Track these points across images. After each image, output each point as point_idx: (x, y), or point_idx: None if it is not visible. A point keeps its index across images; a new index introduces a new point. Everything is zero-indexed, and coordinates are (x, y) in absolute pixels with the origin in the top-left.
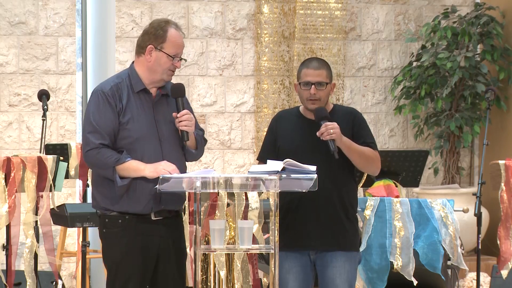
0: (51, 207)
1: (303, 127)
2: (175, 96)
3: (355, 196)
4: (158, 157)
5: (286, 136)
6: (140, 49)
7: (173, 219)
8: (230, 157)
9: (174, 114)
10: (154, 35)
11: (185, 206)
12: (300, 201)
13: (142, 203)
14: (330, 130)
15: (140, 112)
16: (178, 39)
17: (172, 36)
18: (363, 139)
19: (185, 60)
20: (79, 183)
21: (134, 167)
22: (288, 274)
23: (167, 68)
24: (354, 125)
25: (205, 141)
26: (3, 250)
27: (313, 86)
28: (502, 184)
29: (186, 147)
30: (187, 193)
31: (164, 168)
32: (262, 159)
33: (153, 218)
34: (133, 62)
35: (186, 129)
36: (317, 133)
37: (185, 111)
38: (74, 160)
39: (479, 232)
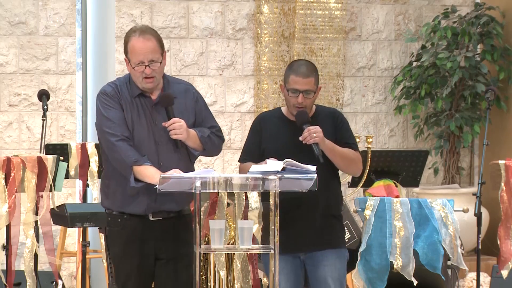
0: (51, 207)
1: (287, 129)
2: (163, 105)
3: (339, 193)
4: (154, 160)
5: (271, 138)
6: None
7: (173, 220)
8: (230, 157)
9: (163, 124)
10: (124, 47)
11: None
12: (287, 204)
13: (136, 203)
14: (313, 134)
15: (140, 116)
16: (137, 47)
17: (131, 46)
18: (345, 140)
19: (159, 62)
20: (79, 183)
21: (149, 175)
22: (280, 275)
23: (139, 77)
24: (337, 126)
25: (220, 138)
26: (3, 250)
27: (301, 94)
28: (502, 184)
29: (190, 149)
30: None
31: None
32: (245, 161)
33: (150, 218)
34: None
35: (176, 137)
36: (300, 138)
37: (172, 120)
38: (74, 160)
39: (479, 232)
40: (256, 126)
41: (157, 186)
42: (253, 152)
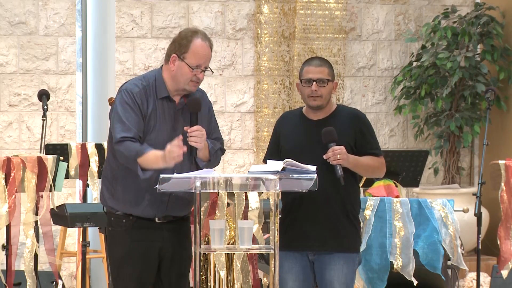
0: (51, 207)
1: (304, 128)
2: (190, 110)
3: (357, 196)
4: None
5: (288, 137)
6: (167, 57)
7: (178, 223)
8: (230, 157)
9: (185, 128)
10: (179, 44)
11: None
12: (300, 202)
13: (147, 208)
14: (337, 155)
15: (162, 120)
16: (201, 50)
17: (195, 47)
18: (368, 148)
19: (212, 71)
20: (79, 183)
21: (152, 158)
22: (288, 274)
23: (189, 78)
24: (360, 131)
25: (222, 151)
26: (3, 250)
27: (314, 82)
28: (502, 184)
29: (196, 158)
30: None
31: (171, 156)
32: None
33: (157, 221)
34: (161, 66)
35: (194, 145)
36: (324, 156)
37: (196, 127)
38: (74, 160)
39: (479, 232)
40: (276, 125)
41: (157, 186)
42: (273, 151)
